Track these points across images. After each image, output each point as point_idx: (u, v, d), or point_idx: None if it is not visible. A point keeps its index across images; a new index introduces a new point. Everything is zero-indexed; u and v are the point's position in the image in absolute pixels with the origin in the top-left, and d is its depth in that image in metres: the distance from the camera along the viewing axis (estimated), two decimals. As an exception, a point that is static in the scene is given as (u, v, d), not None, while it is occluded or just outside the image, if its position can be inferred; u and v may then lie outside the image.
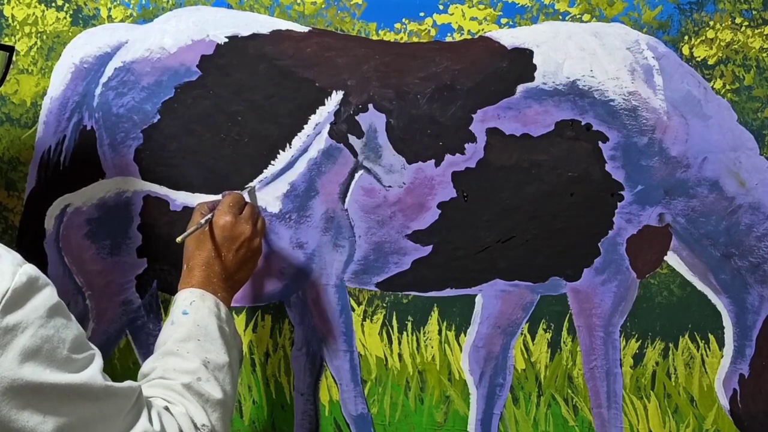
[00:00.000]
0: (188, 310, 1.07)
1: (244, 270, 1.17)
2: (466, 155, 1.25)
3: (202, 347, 1.04)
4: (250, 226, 1.15)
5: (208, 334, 1.05)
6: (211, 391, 1.01)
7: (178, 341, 1.04)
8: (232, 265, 1.13)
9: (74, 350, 0.84)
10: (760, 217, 1.20)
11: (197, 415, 0.98)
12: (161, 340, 1.07)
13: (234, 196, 1.18)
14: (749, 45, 1.20)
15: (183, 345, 1.04)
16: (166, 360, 1.03)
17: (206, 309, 1.08)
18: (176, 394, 0.99)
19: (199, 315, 1.07)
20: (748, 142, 1.21)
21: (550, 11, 1.24)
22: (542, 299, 1.27)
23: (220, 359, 1.05)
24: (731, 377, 1.22)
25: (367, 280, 1.30)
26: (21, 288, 0.80)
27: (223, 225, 1.13)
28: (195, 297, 1.09)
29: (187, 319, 1.06)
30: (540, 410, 1.28)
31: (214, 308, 1.08)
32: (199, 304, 1.08)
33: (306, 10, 1.31)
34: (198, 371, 1.01)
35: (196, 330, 1.05)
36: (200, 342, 1.04)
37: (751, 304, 1.21)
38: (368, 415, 1.32)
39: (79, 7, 1.37)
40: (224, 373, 1.04)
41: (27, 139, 1.38)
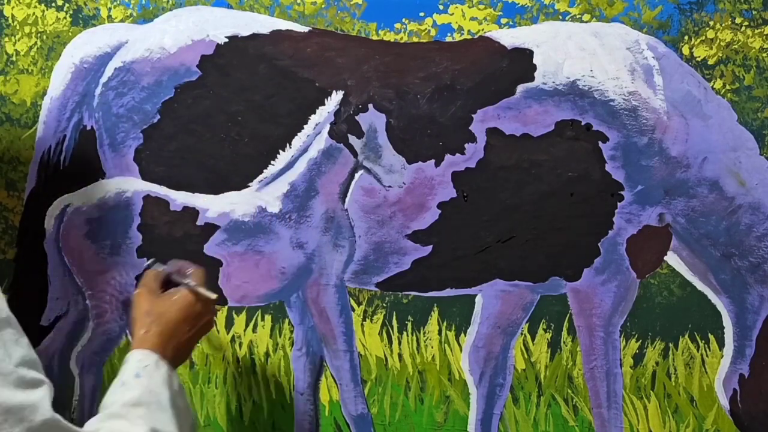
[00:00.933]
0: (142, 373, 1.02)
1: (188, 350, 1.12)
2: (466, 155, 1.25)
3: (152, 416, 0.99)
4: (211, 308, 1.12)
5: (159, 403, 1.00)
6: None
7: (127, 405, 0.99)
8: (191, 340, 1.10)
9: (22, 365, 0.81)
10: (760, 217, 1.20)
11: None
12: (109, 401, 1.01)
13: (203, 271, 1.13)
14: (749, 45, 1.20)
15: (132, 410, 0.98)
16: (112, 423, 0.97)
17: (160, 377, 1.03)
18: None
19: (153, 381, 1.02)
20: (748, 142, 1.21)
21: (550, 11, 1.24)
22: (542, 299, 1.27)
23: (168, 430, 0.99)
24: (731, 377, 1.22)
25: (367, 280, 1.30)
26: None
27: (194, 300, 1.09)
28: (150, 361, 1.03)
29: (140, 383, 1.01)
30: (540, 410, 1.28)
31: (167, 378, 1.03)
32: (153, 370, 1.03)
33: (306, 10, 1.31)
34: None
35: (147, 396, 1.00)
36: (150, 409, 0.99)
37: (751, 304, 1.21)
38: (368, 415, 1.32)
39: (79, 7, 1.37)
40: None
41: (27, 139, 1.38)
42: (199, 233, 1.31)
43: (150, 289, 1.10)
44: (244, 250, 1.31)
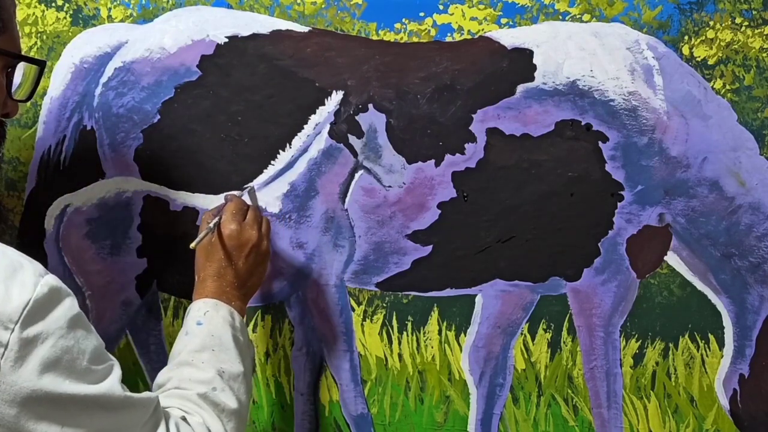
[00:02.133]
0: (202, 320, 1.07)
1: (256, 276, 1.17)
2: (466, 155, 1.25)
3: (216, 357, 1.04)
4: (256, 231, 1.16)
5: (222, 344, 1.06)
6: (226, 400, 1.01)
7: (192, 351, 1.05)
8: (243, 273, 1.14)
9: (94, 361, 0.85)
10: (760, 217, 1.20)
11: (213, 425, 0.98)
12: (176, 351, 1.07)
13: (236, 203, 1.17)
14: (749, 45, 1.20)
15: (198, 355, 1.04)
16: (181, 370, 1.03)
17: (220, 319, 1.08)
18: (192, 404, 0.99)
19: (213, 325, 1.07)
20: (748, 142, 1.21)
21: (550, 11, 1.24)
22: (542, 299, 1.27)
23: (234, 369, 1.05)
24: (731, 377, 1.22)
25: (367, 280, 1.30)
26: (42, 299, 0.80)
27: (229, 234, 1.13)
28: (209, 307, 1.09)
29: (201, 330, 1.06)
30: (540, 410, 1.28)
31: (228, 318, 1.09)
32: (213, 314, 1.08)
33: (306, 10, 1.31)
34: (213, 381, 1.02)
35: (210, 340, 1.05)
36: (215, 352, 1.05)
37: (751, 304, 1.21)
38: (368, 415, 1.32)
39: (79, 7, 1.37)
40: (239, 382, 1.04)
41: (27, 139, 1.38)
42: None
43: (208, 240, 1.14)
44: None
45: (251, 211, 1.18)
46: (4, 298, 0.78)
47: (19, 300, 0.79)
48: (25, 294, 0.79)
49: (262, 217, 1.20)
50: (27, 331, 0.78)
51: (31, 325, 0.79)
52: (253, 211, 1.18)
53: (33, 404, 0.79)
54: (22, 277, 0.80)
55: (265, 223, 1.19)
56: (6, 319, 0.78)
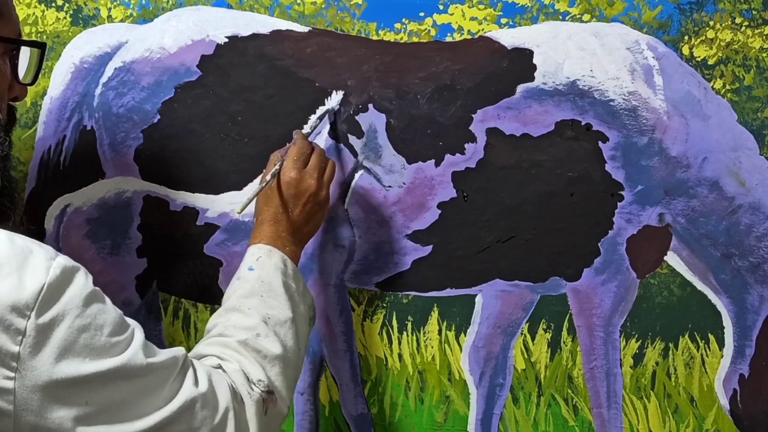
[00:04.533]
0: (254, 266, 1.07)
1: (312, 223, 1.15)
2: (466, 155, 1.25)
3: (265, 303, 1.03)
4: (315, 180, 1.13)
5: (272, 290, 1.04)
6: (269, 346, 0.99)
7: (241, 297, 1.04)
8: (299, 220, 1.12)
9: (113, 334, 0.84)
10: (760, 217, 1.20)
11: (253, 371, 0.96)
12: (226, 296, 1.06)
13: (299, 148, 1.15)
14: (749, 45, 1.20)
15: (245, 301, 1.03)
16: (228, 316, 1.03)
17: (272, 265, 1.07)
18: (232, 351, 0.98)
19: (265, 271, 1.06)
20: (748, 142, 1.21)
21: (550, 11, 1.24)
22: (542, 299, 1.27)
23: (282, 315, 1.03)
24: (731, 377, 1.22)
25: (367, 280, 1.30)
26: (56, 282, 0.80)
27: (288, 181, 1.12)
28: (262, 253, 1.08)
29: (253, 275, 1.06)
30: (540, 410, 1.28)
31: (280, 264, 1.07)
32: (266, 261, 1.07)
33: (306, 10, 1.31)
34: (257, 327, 1.00)
35: (260, 286, 1.04)
36: (263, 298, 1.03)
37: (751, 304, 1.21)
38: (368, 415, 1.32)
39: (79, 7, 1.37)
40: (286, 328, 1.02)
41: (27, 139, 1.38)
42: (199, 233, 1.31)
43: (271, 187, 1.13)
44: (243, 250, 1.30)
45: (315, 156, 1.15)
46: (18, 287, 0.78)
47: (32, 286, 0.79)
48: (38, 280, 0.79)
49: (326, 162, 1.17)
50: (44, 316, 0.79)
51: (47, 310, 0.79)
52: (317, 158, 1.15)
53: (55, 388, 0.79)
54: (34, 263, 0.80)
55: (329, 170, 1.17)
56: (23, 306, 0.78)
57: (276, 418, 0.99)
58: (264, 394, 0.96)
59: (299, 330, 1.05)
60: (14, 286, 0.78)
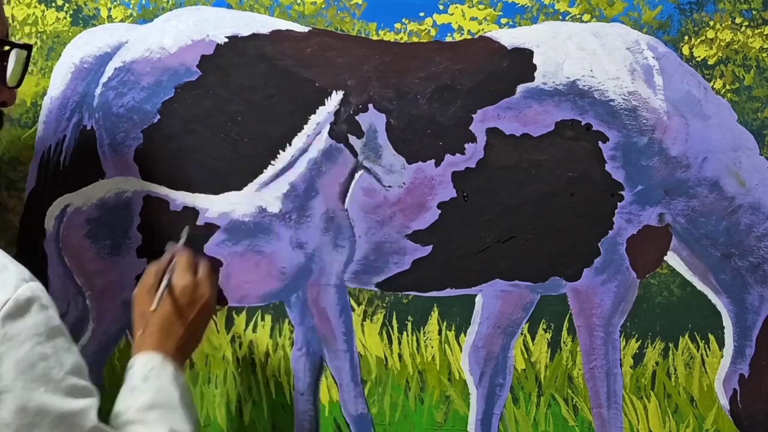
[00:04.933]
0: (149, 375, 1.03)
1: (197, 337, 1.13)
2: (466, 155, 1.25)
3: (167, 416, 1.00)
4: (209, 288, 1.12)
5: (170, 402, 1.01)
6: None
7: (141, 409, 1.00)
8: (191, 331, 1.10)
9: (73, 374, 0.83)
10: (760, 217, 1.20)
11: None
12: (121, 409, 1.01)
13: (187, 256, 1.13)
14: (749, 45, 1.20)
15: (147, 414, 0.99)
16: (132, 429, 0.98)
17: (167, 376, 1.04)
18: None
19: (161, 382, 1.03)
20: (748, 142, 1.21)
21: (550, 11, 1.24)
22: (542, 299, 1.27)
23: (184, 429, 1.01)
24: (731, 377, 1.22)
25: (367, 280, 1.30)
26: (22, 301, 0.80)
27: (183, 288, 1.09)
28: (155, 363, 1.04)
29: (149, 386, 1.02)
30: (540, 410, 1.28)
31: (175, 376, 1.04)
32: (160, 371, 1.04)
33: (306, 10, 1.31)
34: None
35: (159, 397, 1.01)
36: (164, 410, 1.00)
37: (751, 304, 1.21)
38: (368, 415, 1.32)
39: (79, 7, 1.37)
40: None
41: (27, 139, 1.38)
42: (199, 233, 1.31)
43: (147, 288, 1.10)
44: (244, 250, 1.31)
45: (203, 265, 1.14)
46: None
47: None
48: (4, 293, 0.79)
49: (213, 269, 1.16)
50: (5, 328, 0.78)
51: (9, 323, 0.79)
52: (206, 266, 1.14)
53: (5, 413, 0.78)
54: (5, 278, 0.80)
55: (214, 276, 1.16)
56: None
57: None
58: None
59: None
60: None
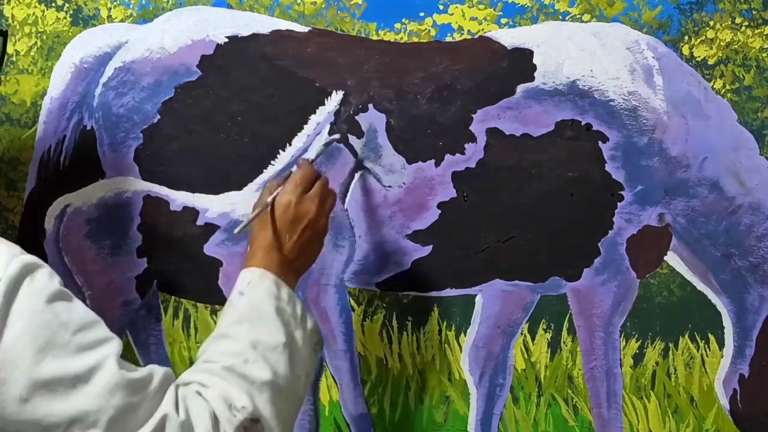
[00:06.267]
0: (245, 290, 1.01)
1: (307, 255, 1.09)
2: (466, 155, 1.25)
3: (254, 328, 0.98)
4: (316, 205, 1.07)
5: (262, 315, 0.99)
6: (257, 372, 0.93)
7: (230, 323, 0.99)
8: (294, 251, 1.06)
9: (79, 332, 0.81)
10: (760, 217, 1.21)
11: (237, 398, 0.90)
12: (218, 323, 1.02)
13: (303, 173, 1.09)
14: (749, 45, 1.20)
15: (234, 327, 0.98)
16: (216, 343, 0.98)
17: (263, 289, 1.01)
18: (216, 377, 0.93)
19: (255, 295, 1.01)
20: (748, 142, 1.21)
21: (550, 11, 1.24)
22: (542, 299, 1.27)
23: (273, 340, 0.97)
24: (731, 377, 1.22)
25: (367, 280, 1.30)
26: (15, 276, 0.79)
27: (285, 205, 1.06)
28: (254, 277, 1.02)
29: (243, 301, 1.01)
30: (540, 410, 1.28)
31: (273, 288, 1.02)
32: (257, 284, 1.02)
33: (306, 10, 1.31)
34: (244, 353, 0.95)
35: (250, 311, 1.00)
36: (253, 323, 0.98)
37: (751, 304, 1.21)
38: (368, 415, 1.32)
39: (79, 7, 1.37)
40: (278, 354, 0.96)
41: (27, 139, 1.38)
42: (199, 233, 1.31)
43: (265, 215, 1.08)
44: (244, 250, 1.30)
45: (319, 183, 1.10)
46: None
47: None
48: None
49: (329, 192, 1.11)
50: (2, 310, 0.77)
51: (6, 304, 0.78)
52: (321, 184, 1.10)
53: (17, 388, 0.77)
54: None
55: (330, 200, 1.11)
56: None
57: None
58: (246, 421, 0.90)
59: (295, 355, 0.99)
60: None
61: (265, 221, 1.06)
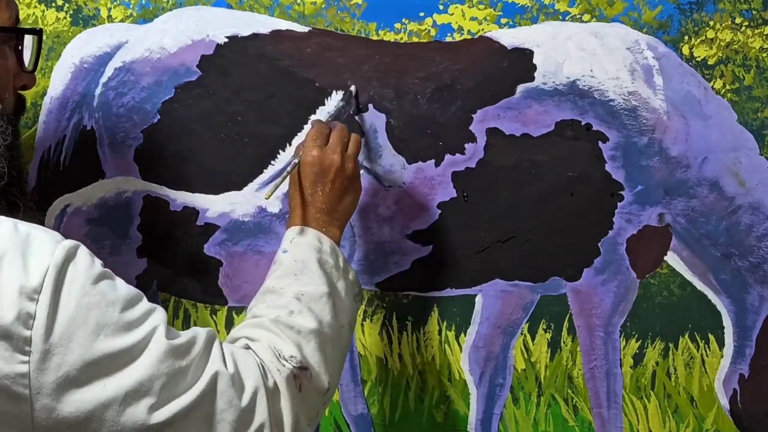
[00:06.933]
0: (288, 248, 1.05)
1: (346, 200, 1.12)
2: (466, 155, 1.25)
3: (298, 281, 1.01)
4: (338, 154, 1.10)
5: (305, 268, 1.03)
6: (303, 322, 0.97)
7: (275, 279, 1.03)
8: (332, 198, 1.10)
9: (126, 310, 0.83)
10: (760, 217, 1.21)
11: (284, 348, 0.93)
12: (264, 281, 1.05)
13: (317, 129, 1.13)
14: (749, 45, 1.20)
15: (279, 282, 1.02)
16: (262, 298, 1.02)
17: (305, 244, 1.05)
18: (263, 330, 0.96)
19: (298, 250, 1.05)
20: (748, 142, 1.21)
21: (550, 11, 1.24)
22: (542, 299, 1.27)
23: (316, 290, 1.01)
24: (731, 377, 1.22)
25: (367, 280, 1.30)
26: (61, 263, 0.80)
27: (310, 161, 1.09)
28: (295, 234, 1.07)
29: (286, 257, 1.04)
30: (540, 410, 1.28)
31: (314, 242, 1.06)
32: (299, 240, 1.06)
33: (306, 10, 1.31)
34: (290, 305, 0.98)
35: (293, 265, 1.03)
36: (297, 276, 1.02)
37: (751, 304, 1.21)
38: (368, 415, 1.32)
39: (79, 7, 1.37)
40: (322, 303, 1.00)
41: (27, 139, 1.38)
42: (199, 233, 1.31)
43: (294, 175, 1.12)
44: (244, 250, 1.31)
45: (335, 133, 1.13)
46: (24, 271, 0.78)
47: (38, 270, 0.78)
48: (43, 262, 0.79)
49: (348, 136, 1.14)
50: (51, 298, 0.78)
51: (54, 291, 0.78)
52: (337, 133, 1.13)
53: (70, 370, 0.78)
54: (38, 247, 0.80)
55: (352, 144, 1.14)
56: (31, 290, 0.77)
57: (313, 395, 0.95)
58: (296, 369, 0.93)
59: (338, 305, 1.02)
60: (20, 271, 0.78)
61: (296, 180, 1.10)
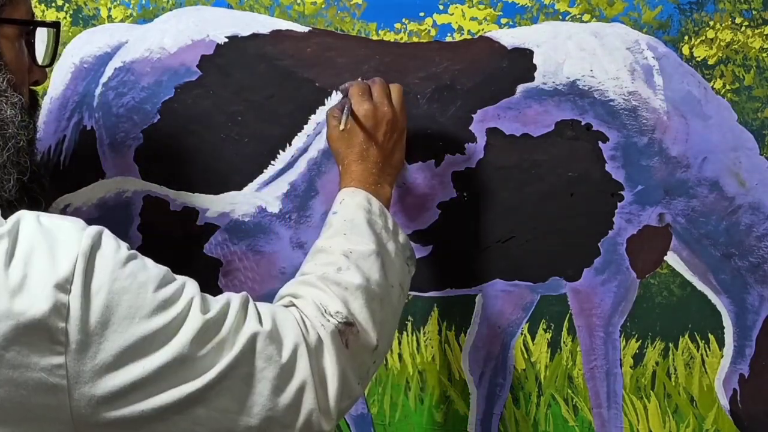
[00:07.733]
0: (338, 209, 1.06)
1: (398, 150, 1.13)
2: (466, 155, 1.25)
3: (347, 240, 1.01)
4: (388, 105, 1.10)
5: (354, 227, 1.02)
6: (349, 278, 0.96)
7: (324, 238, 1.03)
8: (387, 150, 1.10)
9: (159, 289, 0.83)
10: (760, 217, 1.20)
11: (330, 303, 0.93)
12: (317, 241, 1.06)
13: (358, 86, 1.11)
14: (749, 45, 1.20)
15: (328, 241, 1.02)
16: (313, 257, 1.02)
17: (354, 204, 1.05)
18: (309, 287, 0.96)
19: (348, 211, 1.05)
20: (748, 142, 1.21)
21: (550, 11, 1.24)
22: (542, 299, 1.27)
23: (365, 248, 1.00)
24: (731, 377, 1.22)
25: (367, 280, 1.30)
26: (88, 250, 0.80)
27: (365, 114, 1.08)
28: (345, 195, 1.06)
29: (336, 217, 1.05)
30: (540, 410, 1.28)
31: (364, 203, 1.05)
32: (348, 201, 1.05)
33: (306, 10, 1.31)
34: (338, 262, 0.98)
35: (342, 225, 1.03)
36: (346, 235, 1.02)
37: (751, 304, 1.21)
38: (368, 415, 1.32)
39: (79, 7, 1.37)
40: (371, 262, 1.00)
41: (27, 139, 1.38)
42: (199, 233, 1.31)
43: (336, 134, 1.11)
44: (244, 250, 1.31)
45: (377, 86, 1.12)
46: (54, 263, 0.78)
47: (67, 260, 0.78)
48: (71, 252, 0.79)
49: (388, 88, 1.13)
50: (83, 286, 0.78)
51: (86, 279, 0.78)
52: (380, 86, 1.12)
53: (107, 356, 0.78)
54: (64, 238, 0.80)
55: (396, 94, 1.13)
56: (62, 281, 0.77)
57: (362, 352, 0.94)
58: (341, 325, 0.92)
59: (388, 264, 1.02)
60: (50, 264, 0.78)
61: (350, 136, 1.09)
